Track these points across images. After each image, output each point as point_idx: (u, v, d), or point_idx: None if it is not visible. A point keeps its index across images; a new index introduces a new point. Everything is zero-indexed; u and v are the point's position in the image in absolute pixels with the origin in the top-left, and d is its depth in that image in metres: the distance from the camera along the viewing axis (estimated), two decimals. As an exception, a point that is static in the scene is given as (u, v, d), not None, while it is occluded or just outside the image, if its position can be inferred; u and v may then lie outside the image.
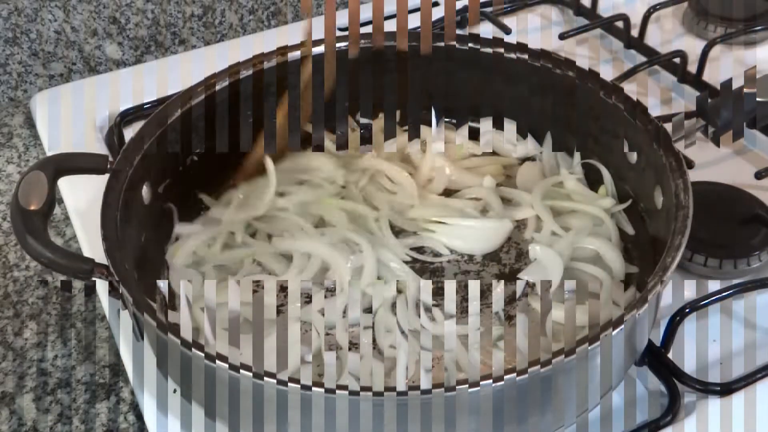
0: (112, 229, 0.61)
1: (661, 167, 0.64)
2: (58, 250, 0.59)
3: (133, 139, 0.68)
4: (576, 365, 0.53)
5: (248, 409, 0.54)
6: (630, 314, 0.53)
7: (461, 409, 0.52)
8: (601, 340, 0.52)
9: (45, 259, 0.59)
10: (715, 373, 0.63)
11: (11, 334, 0.70)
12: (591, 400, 0.57)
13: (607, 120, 0.72)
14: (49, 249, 0.59)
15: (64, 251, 0.60)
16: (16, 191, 0.61)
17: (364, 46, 0.77)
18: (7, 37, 0.98)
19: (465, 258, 0.71)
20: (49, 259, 0.59)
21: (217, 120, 0.75)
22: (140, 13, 1.03)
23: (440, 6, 1.09)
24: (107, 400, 0.65)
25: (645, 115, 0.68)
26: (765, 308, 0.68)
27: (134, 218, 0.66)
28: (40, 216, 0.60)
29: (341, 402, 0.51)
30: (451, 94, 0.82)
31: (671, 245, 0.58)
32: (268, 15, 1.10)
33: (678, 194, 0.61)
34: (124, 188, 0.65)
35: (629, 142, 0.70)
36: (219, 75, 0.75)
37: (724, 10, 1.00)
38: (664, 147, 0.65)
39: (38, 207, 0.61)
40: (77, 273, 0.60)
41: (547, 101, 0.77)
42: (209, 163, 0.75)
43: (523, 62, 0.76)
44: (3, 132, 0.94)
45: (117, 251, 0.60)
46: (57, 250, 0.59)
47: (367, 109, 0.83)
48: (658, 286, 0.55)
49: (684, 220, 0.59)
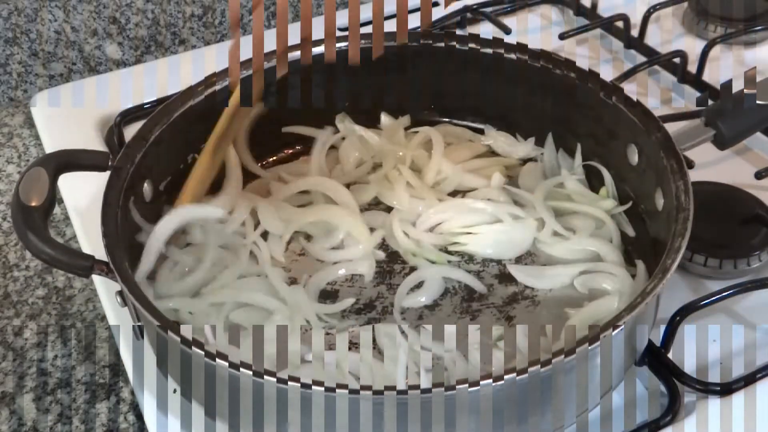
0: (112, 226, 0.61)
1: (662, 169, 0.64)
2: (58, 247, 0.60)
3: (134, 137, 0.69)
4: (576, 365, 0.53)
5: (248, 408, 0.54)
6: (630, 315, 0.53)
7: (461, 409, 0.52)
8: (600, 341, 0.52)
9: (45, 256, 0.59)
10: (715, 373, 0.63)
11: (11, 334, 0.70)
12: (591, 400, 0.57)
13: (608, 121, 0.72)
14: (49, 245, 0.59)
15: (65, 248, 0.60)
16: (17, 187, 0.62)
17: (364, 46, 0.77)
18: (7, 37, 0.98)
19: (465, 258, 0.71)
20: (49, 255, 0.59)
21: (218, 118, 0.75)
22: (140, 13, 1.03)
23: (440, 6, 1.09)
24: (107, 400, 0.65)
25: (646, 116, 0.68)
26: (765, 308, 0.68)
27: (135, 215, 0.66)
28: (41, 212, 0.61)
29: (341, 401, 0.51)
30: (451, 94, 0.82)
31: (671, 247, 0.58)
32: (268, 15, 1.10)
33: (679, 196, 0.61)
34: (125, 186, 0.65)
35: (630, 144, 0.70)
36: (220, 74, 0.75)
37: (724, 10, 1.00)
38: (665, 149, 0.65)
39: (39, 203, 0.61)
40: (77, 270, 0.60)
41: (548, 102, 0.77)
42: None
43: (524, 63, 0.75)
44: (3, 132, 0.94)
45: (117, 248, 0.60)
46: (57, 246, 0.60)
47: (367, 110, 0.83)
48: (657, 288, 0.55)
49: (684, 222, 0.59)
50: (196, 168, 0.72)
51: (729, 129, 0.67)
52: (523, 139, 0.80)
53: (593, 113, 0.73)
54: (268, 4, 1.09)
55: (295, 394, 0.51)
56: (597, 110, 0.72)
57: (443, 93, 0.82)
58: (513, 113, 0.80)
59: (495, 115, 0.82)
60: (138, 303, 0.56)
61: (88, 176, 0.67)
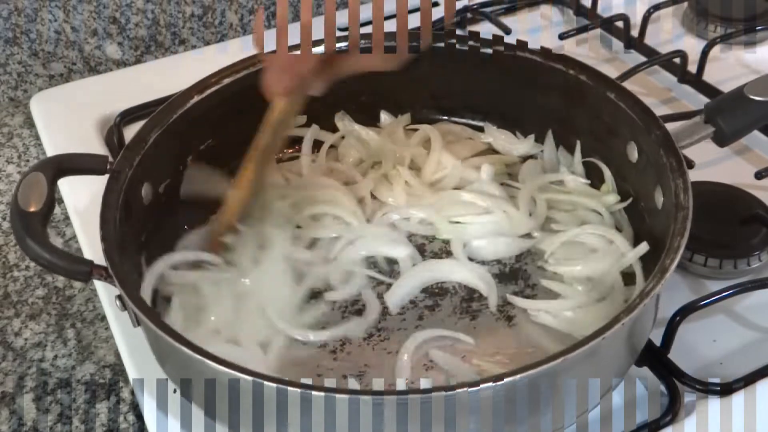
0: (110, 230, 0.61)
1: (662, 167, 0.64)
2: (56, 252, 0.59)
3: (132, 140, 0.68)
4: (575, 366, 0.53)
5: (248, 409, 0.54)
6: (629, 316, 0.53)
7: (461, 410, 0.51)
8: (600, 341, 0.52)
9: (44, 261, 0.59)
10: (715, 373, 0.63)
11: (11, 334, 0.70)
12: (591, 401, 0.57)
13: (608, 118, 0.72)
14: (47, 250, 0.59)
15: (63, 253, 0.60)
16: (15, 193, 0.61)
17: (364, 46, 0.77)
18: (7, 37, 0.98)
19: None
20: (47, 260, 0.59)
21: (217, 119, 0.75)
22: (140, 13, 1.03)
23: (440, 6, 1.09)
24: (107, 400, 0.65)
25: (646, 113, 0.68)
26: (765, 308, 0.68)
27: (134, 218, 0.66)
28: (39, 217, 0.60)
29: (341, 403, 0.51)
30: (451, 92, 0.82)
31: (670, 246, 0.58)
32: (268, 15, 1.10)
33: (678, 194, 0.61)
34: (123, 189, 0.65)
35: (630, 141, 0.70)
36: (221, 72, 0.75)
37: (724, 10, 1.00)
38: (664, 146, 0.65)
39: (37, 208, 0.61)
40: (76, 275, 0.60)
41: (548, 99, 0.77)
42: (210, 162, 0.75)
43: (524, 60, 0.76)
44: (3, 132, 0.94)
45: (116, 252, 0.60)
46: (55, 251, 0.59)
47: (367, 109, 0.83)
48: (657, 288, 0.55)
49: (683, 221, 0.59)
50: (237, 184, 0.70)
51: (728, 126, 0.67)
52: (522, 136, 0.81)
53: (593, 110, 0.73)
54: (268, 4, 1.10)
55: (295, 396, 0.51)
56: (597, 107, 0.72)
57: (443, 91, 0.82)
58: (513, 111, 0.81)
59: (494, 112, 0.82)
60: (137, 308, 0.56)
61: (88, 177, 0.67)
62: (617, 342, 0.56)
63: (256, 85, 0.72)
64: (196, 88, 0.74)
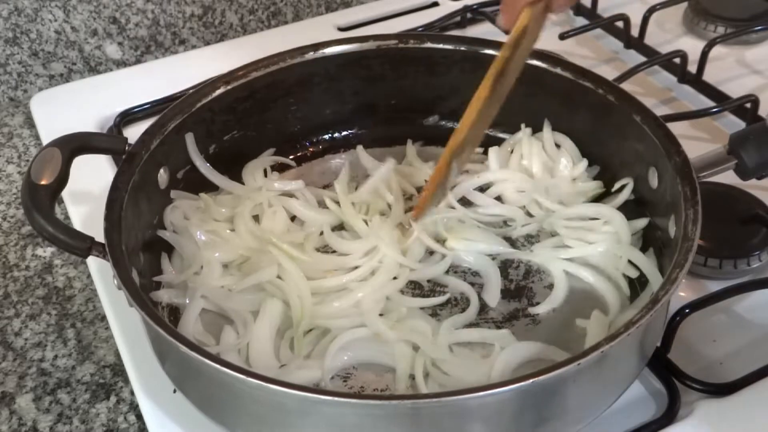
0: (116, 210, 0.62)
1: (677, 195, 0.62)
2: (59, 226, 0.60)
3: (153, 125, 0.69)
4: (583, 374, 0.52)
5: (248, 410, 0.54)
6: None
7: (466, 415, 0.51)
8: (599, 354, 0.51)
9: (46, 233, 0.60)
10: (715, 373, 0.63)
11: (11, 334, 0.70)
12: (599, 409, 0.57)
13: (632, 140, 0.70)
14: (50, 223, 0.60)
15: (66, 227, 0.61)
16: (30, 164, 0.63)
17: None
18: (7, 37, 0.98)
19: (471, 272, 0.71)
20: (50, 233, 0.60)
21: (243, 112, 0.75)
22: (140, 13, 1.03)
23: (440, 6, 1.09)
24: (107, 400, 0.65)
25: (668, 138, 0.65)
26: (765, 308, 0.68)
27: (147, 201, 0.67)
28: (49, 191, 0.61)
29: (342, 407, 0.50)
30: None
31: (668, 278, 0.56)
32: (268, 15, 1.11)
33: (687, 225, 0.59)
34: (137, 171, 0.65)
35: (651, 166, 0.68)
36: (249, 66, 0.75)
37: (724, 10, 1.01)
38: (681, 174, 0.63)
39: (48, 182, 0.62)
40: (75, 249, 0.60)
41: (576, 117, 0.75)
42: (232, 152, 0.76)
43: (558, 76, 0.74)
44: (3, 132, 0.94)
45: (116, 233, 0.60)
46: (58, 225, 0.60)
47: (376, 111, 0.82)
48: (642, 320, 0.52)
49: (686, 253, 0.57)
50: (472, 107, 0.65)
51: (751, 160, 0.65)
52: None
53: (618, 131, 0.71)
54: (268, 4, 1.10)
55: (295, 399, 0.50)
56: (623, 129, 0.70)
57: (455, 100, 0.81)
58: (540, 125, 0.79)
59: (517, 125, 0.80)
60: (128, 291, 0.56)
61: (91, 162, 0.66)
62: (621, 353, 0.55)
63: (283, 81, 0.72)
64: (223, 78, 0.74)
